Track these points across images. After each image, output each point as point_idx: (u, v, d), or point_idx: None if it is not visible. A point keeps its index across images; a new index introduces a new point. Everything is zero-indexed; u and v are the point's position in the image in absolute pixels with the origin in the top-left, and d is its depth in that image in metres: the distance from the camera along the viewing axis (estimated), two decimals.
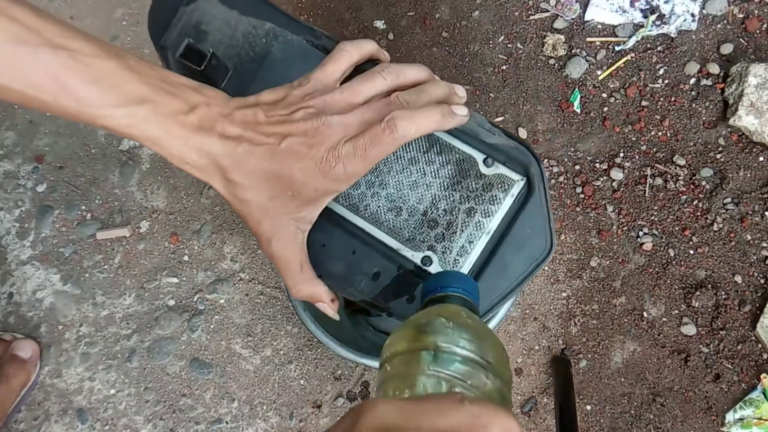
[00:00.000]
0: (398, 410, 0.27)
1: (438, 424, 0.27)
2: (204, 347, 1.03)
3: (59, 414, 1.04)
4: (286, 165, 0.42)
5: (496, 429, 0.28)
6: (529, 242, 0.46)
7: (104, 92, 0.41)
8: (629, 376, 0.94)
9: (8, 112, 1.17)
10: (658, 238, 0.97)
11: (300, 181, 0.43)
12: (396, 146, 0.42)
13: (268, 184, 0.43)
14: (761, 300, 0.93)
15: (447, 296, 0.39)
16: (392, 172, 0.48)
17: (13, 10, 0.39)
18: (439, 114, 0.43)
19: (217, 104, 0.44)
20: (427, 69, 0.46)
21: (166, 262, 1.07)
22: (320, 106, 0.43)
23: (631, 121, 1.01)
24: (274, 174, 0.43)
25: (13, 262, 1.11)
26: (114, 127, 0.42)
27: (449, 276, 0.40)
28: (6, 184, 1.14)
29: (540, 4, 1.07)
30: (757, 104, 0.94)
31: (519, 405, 0.96)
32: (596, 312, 0.97)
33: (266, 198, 0.44)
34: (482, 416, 0.27)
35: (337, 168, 0.42)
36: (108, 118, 0.42)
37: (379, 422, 0.26)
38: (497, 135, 0.47)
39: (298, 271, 0.46)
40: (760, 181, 0.96)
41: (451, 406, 0.28)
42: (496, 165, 0.47)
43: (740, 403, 0.90)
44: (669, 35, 1.03)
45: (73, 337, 1.07)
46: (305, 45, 0.50)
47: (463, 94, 0.46)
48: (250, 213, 0.44)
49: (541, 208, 0.46)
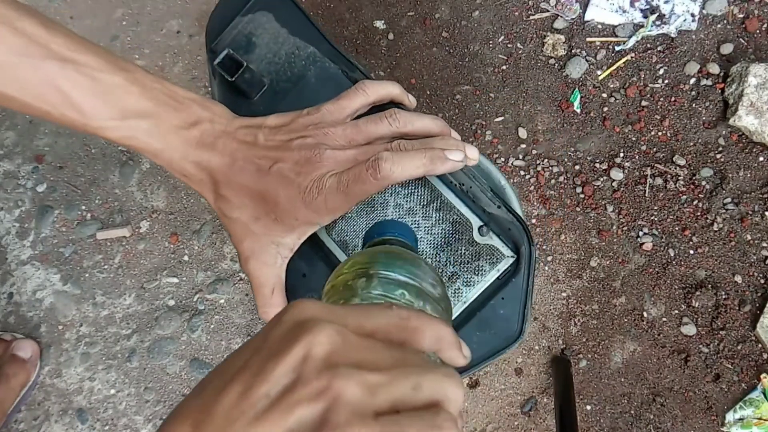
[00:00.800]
0: (324, 308, 0.26)
1: (364, 323, 0.26)
2: (204, 347, 1.03)
3: (59, 414, 1.04)
4: (273, 188, 0.43)
5: (429, 332, 0.27)
6: (500, 325, 0.45)
7: (108, 106, 0.42)
8: (629, 376, 0.94)
9: (8, 113, 1.17)
10: (658, 238, 0.97)
11: (283, 207, 0.43)
12: (379, 187, 0.41)
13: (253, 204, 0.44)
14: (761, 300, 0.93)
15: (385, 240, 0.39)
16: (388, 218, 0.48)
17: (21, 22, 0.39)
18: (427, 158, 0.42)
19: (220, 121, 0.45)
20: (443, 123, 0.45)
21: (166, 262, 1.07)
22: (320, 138, 0.43)
23: (631, 121, 1.01)
24: (261, 195, 0.44)
25: (13, 262, 1.11)
26: (116, 139, 0.43)
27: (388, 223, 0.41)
28: (6, 184, 1.14)
29: (540, 4, 1.07)
30: (757, 104, 0.94)
31: (519, 405, 0.96)
32: (596, 312, 0.97)
33: (251, 218, 0.44)
34: (412, 319, 0.27)
35: (318, 199, 0.42)
36: (110, 130, 0.42)
37: (303, 314, 0.25)
38: (498, 207, 0.46)
39: (268, 295, 0.46)
40: (760, 181, 0.96)
41: (379, 310, 0.27)
42: (491, 235, 0.46)
43: (740, 403, 0.90)
44: (669, 35, 1.03)
45: (73, 337, 1.07)
46: (339, 75, 0.51)
47: (475, 156, 0.45)
48: (234, 230, 0.45)
49: (521, 294, 0.45)
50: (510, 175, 1.02)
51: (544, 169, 1.02)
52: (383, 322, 0.26)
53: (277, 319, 0.26)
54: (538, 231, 1.00)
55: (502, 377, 0.97)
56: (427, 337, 0.27)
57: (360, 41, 1.11)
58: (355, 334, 0.25)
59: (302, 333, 0.24)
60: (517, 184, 1.02)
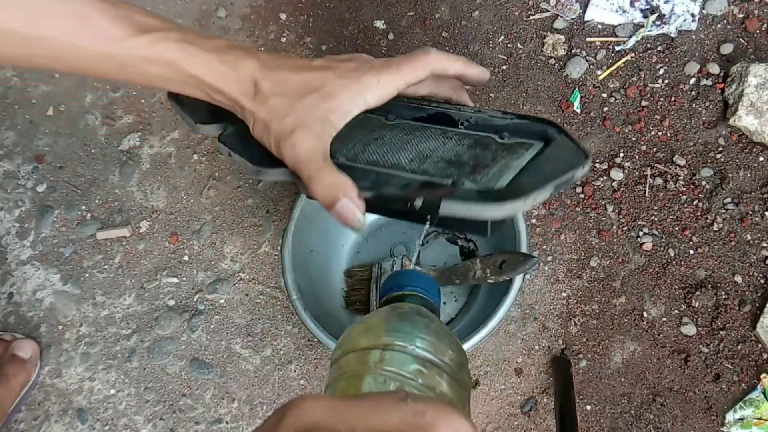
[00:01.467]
0: (329, 408, 0.24)
1: (374, 424, 0.24)
2: (204, 347, 1.03)
3: (59, 414, 1.04)
4: (318, 75, 0.43)
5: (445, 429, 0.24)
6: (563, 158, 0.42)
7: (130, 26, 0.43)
8: (629, 376, 0.94)
9: (8, 112, 1.17)
10: (658, 238, 0.97)
11: (331, 86, 0.43)
12: (426, 70, 0.44)
13: (299, 87, 0.43)
14: (761, 300, 0.93)
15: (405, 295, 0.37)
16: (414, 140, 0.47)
17: None
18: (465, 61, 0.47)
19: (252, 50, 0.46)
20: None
21: (166, 262, 1.07)
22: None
23: (631, 121, 1.01)
24: (306, 81, 0.43)
25: (13, 262, 1.11)
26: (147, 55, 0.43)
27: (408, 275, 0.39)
28: (6, 184, 1.14)
29: (540, 4, 1.07)
30: (757, 104, 0.94)
31: (519, 405, 0.96)
32: (596, 312, 0.97)
33: (296, 98, 0.43)
34: (427, 415, 0.24)
35: (369, 74, 0.43)
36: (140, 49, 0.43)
37: (306, 421, 0.23)
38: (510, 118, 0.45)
39: (320, 159, 0.42)
40: (760, 181, 0.96)
41: (392, 404, 0.25)
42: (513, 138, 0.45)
43: (740, 403, 0.90)
44: (669, 35, 1.03)
45: (73, 337, 1.07)
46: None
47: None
48: (275, 110, 0.43)
49: (568, 141, 0.43)
50: None
51: None
52: (396, 420, 0.24)
53: (276, 421, 0.24)
54: (538, 231, 1.00)
55: (502, 377, 0.97)
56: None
57: (360, 41, 1.11)
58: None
59: None
60: None
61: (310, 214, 0.85)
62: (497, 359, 0.97)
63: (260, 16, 1.16)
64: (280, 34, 1.14)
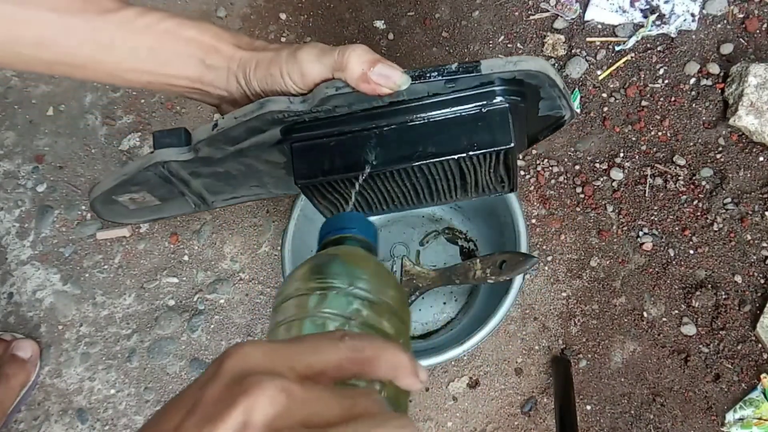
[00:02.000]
0: (267, 351, 0.24)
1: (313, 362, 0.24)
2: (204, 347, 1.03)
3: (59, 414, 1.04)
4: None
5: (384, 361, 0.25)
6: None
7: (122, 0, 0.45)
8: (629, 376, 0.94)
9: (8, 112, 1.17)
10: (658, 238, 0.97)
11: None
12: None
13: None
14: (761, 300, 0.93)
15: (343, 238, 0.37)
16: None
17: None
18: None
19: None
20: None
21: (166, 262, 1.07)
22: None
23: (631, 121, 1.01)
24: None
25: (13, 262, 1.11)
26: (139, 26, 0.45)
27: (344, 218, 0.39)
28: (6, 184, 1.14)
29: (540, 4, 1.07)
30: (757, 104, 0.94)
31: (519, 405, 0.96)
32: (596, 312, 0.97)
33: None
34: (366, 350, 0.25)
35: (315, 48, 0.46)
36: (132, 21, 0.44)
37: (245, 366, 0.23)
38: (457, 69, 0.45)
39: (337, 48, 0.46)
40: (760, 181, 0.96)
41: (331, 343, 0.25)
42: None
43: (740, 403, 0.90)
44: (669, 35, 1.03)
45: (73, 337, 1.07)
46: None
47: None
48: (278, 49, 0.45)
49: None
50: None
51: (544, 169, 1.02)
52: (334, 357, 0.24)
53: (214, 369, 0.24)
54: (538, 231, 1.00)
55: (502, 377, 0.97)
56: (383, 366, 0.25)
57: (360, 41, 1.11)
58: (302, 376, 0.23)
59: (241, 395, 0.21)
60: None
61: (310, 214, 0.84)
62: (497, 359, 0.97)
63: (260, 16, 1.16)
64: (280, 34, 1.14)
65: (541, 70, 0.45)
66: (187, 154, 0.48)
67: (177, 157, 0.49)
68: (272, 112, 0.44)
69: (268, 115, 0.45)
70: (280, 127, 0.47)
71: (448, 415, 0.96)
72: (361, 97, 0.45)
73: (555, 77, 0.46)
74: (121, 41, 0.44)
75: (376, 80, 0.42)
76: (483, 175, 0.51)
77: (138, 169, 0.49)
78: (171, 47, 0.45)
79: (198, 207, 0.57)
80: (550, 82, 0.46)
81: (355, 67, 0.42)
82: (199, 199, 0.56)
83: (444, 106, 0.46)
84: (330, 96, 0.44)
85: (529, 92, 0.47)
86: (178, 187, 0.53)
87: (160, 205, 0.56)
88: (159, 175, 0.50)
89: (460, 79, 0.44)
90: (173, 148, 0.48)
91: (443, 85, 0.45)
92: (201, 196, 0.55)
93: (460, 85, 0.45)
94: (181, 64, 0.46)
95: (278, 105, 0.44)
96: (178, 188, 0.53)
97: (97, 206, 0.55)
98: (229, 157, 0.50)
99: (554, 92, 0.48)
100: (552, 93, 0.48)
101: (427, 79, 0.44)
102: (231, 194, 0.57)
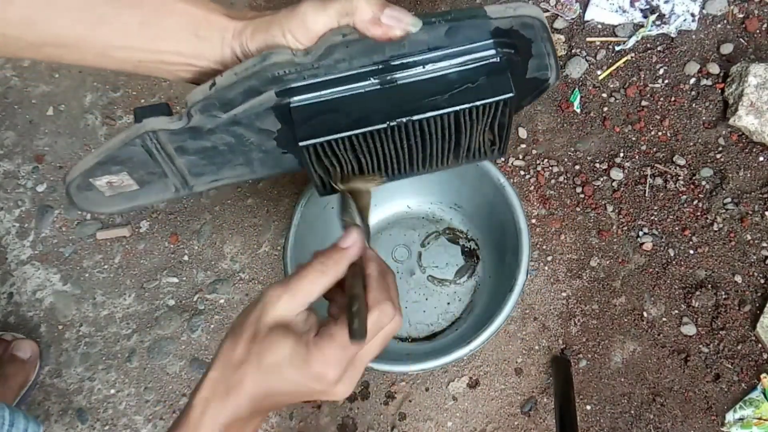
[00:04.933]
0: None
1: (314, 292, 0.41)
2: (204, 347, 1.03)
3: (59, 414, 1.04)
4: None
5: None
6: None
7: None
8: (629, 376, 0.94)
9: (8, 112, 1.17)
10: (658, 238, 0.97)
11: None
12: None
13: None
14: (761, 300, 0.93)
15: None
16: None
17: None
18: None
19: None
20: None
21: (166, 262, 1.07)
22: None
23: (631, 121, 1.01)
24: None
25: (13, 262, 1.11)
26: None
27: None
28: (6, 184, 1.14)
29: (540, 4, 1.07)
30: (757, 104, 0.94)
31: (519, 405, 0.96)
32: (596, 312, 0.97)
33: None
34: None
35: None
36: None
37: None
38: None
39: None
40: (760, 181, 0.96)
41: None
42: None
43: (740, 403, 0.90)
44: (669, 35, 1.03)
45: (73, 337, 1.07)
46: None
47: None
48: (275, 14, 0.45)
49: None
50: (510, 175, 1.02)
51: (544, 169, 1.02)
52: None
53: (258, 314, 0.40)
54: (538, 231, 1.00)
55: (502, 377, 0.97)
56: None
57: None
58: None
59: None
60: (517, 184, 1.02)
61: (311, 220, 0.84)
62: (497, 359, 0.97)
63: None
64: None
65: (537, 17, 0.46)
66: (178, 122, 0.47)
67: (167, 126, 0.47)
68: (275, 65, 0.43)
69: (268, 71, 0.44)
70: (277, 89, 0.46)
71: (448, 415, 0.96)
72: (362, 50, 0.44)
73: (548, 28, 0.48)
74: (110, 17, 0.43)
75: (387, 22, 0.42)
76: (478, 135, 0.52)
77: (124, 141, 0.48)
78: (162, 21, 0.44)
79: (178, 191, 0.56)
80: (542, 33, 0.47)
81: (365, 10, 0.42)
82: (181, 182, 0.55)
83: (444, 59, 0.46)
84: (336, 45, 0.43)
85: (522, 47, 0.48)
86: (162, 166, 0.52)
87: (138, 190, 0.54)
88: (145, 149, 0.49)
89: (462, 27, 0.45)
90: (163, 117, 0.48)
91: (443, 36, 0.45)
92: (183, 177, 0.54)
93: (460, 37, 0.46)
94: (173, 39, 0.45)
95: (281, 57, 0.43)
96: (162, 167, 0.52)
97: (72, 191, 0.53)
98: (221, 127, 0.49)
99: (545, 47, 0.49)
100: (542, 49, 0.49)
101: (431, 24, 0.44)
102: (214, 176, 0.56)
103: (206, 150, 0.52)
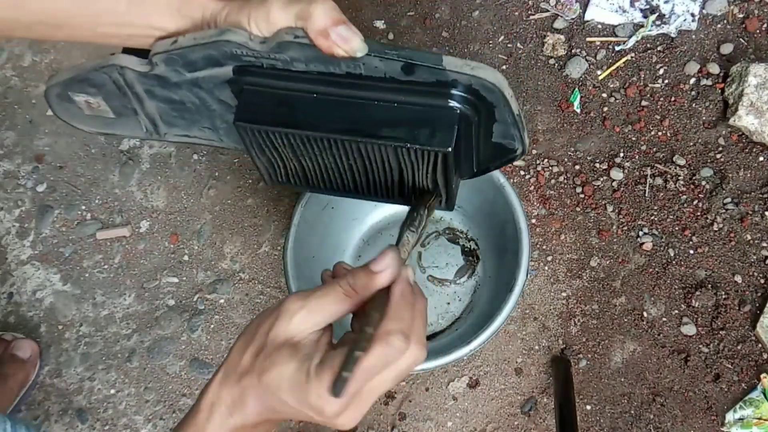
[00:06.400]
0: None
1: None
2: (204, 347, 1.03)
3: (59, 414, 1.04)
4: None
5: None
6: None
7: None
8: (629, 376, 0.94)
9: (8, 112, 1.17)
10: (658, 238, 0.97)
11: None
12: None
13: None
14: (761, 300, 0.93)
15: None
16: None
17: None
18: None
19: None
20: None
21: (166, 262, 1.07)
22: None
23: (631, 121, 1.01)
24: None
25: (13, 262, 1.11)
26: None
27: None
28: (6, 184, 1.14)
29: (540, 4, 1.07)
30: (757, 104, 0.94)
31: (519, 405, 0.96)
32: (596, 312, 0.97)
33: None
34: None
35: None
36: None
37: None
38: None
39: None
40: (760, 181, 0.96)
41: None
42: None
43: (740, 403, 0.90)
44: (669, 35, 1.03)
45: (73, 337, 1.07)
46: None
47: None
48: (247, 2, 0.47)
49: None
50: (510, 175, 1.02)
51: (544, 169, 1.02)
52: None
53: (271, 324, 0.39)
54: (538, 231, 1.00)
55: (502, 377, 0.97)
56: None
57: None
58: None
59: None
60: (517, 184, 1.02)
61: (311, 220, 0.84)
62: (497, 359, 0.97)
63: None
64: None
65: (496, 84, 0.44)
66: (144, 66, 0.49)
67: (134, 66, 0.49)
68: (230, 43, 0.45)
69: (225, 46, 0.45)
70: (235, 66, 0.48)
71: (448, 415, 0.96)
72: (320, 57, 0.45)
73: (510, 98, 0.45)
74: None
75: (334, 39, 0.43)
76: (420, 178, 0.50)
77: (94, 67, 0.50)
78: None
79: (150, 134, 0.58)
80: (505, 102, 0.45)
81: (319, 20, 0.42)
82: (152, 125, 0.57)
83: (397, 93, 0.46)
84: (287, 42, 0.44)
85: (484, 110, 0.46)
86: (132, 103, 0.54)
87: (114, 120, 0.57)
88: (114, 82, 0.51)
89: (417, 66, 0.44)
90: (133, 57, 0.50)
91: (399, 70, 0.44)
92: (154, 121, 0.56)
93: (417, 77, 0.45)
94: (158, 15, 0.47)
95: (237, 37, 0.44)
96: (132, 104, 0.54)
97: (52, 98, 0.56)
98: (185, 84, 0.50)
99: (508, 116, 0.46)
100: (506, 117, 0.46)
101: (384, 56, 0.44)
102: (184, 131, 0.57)
103: (174, 102, 0.53)
